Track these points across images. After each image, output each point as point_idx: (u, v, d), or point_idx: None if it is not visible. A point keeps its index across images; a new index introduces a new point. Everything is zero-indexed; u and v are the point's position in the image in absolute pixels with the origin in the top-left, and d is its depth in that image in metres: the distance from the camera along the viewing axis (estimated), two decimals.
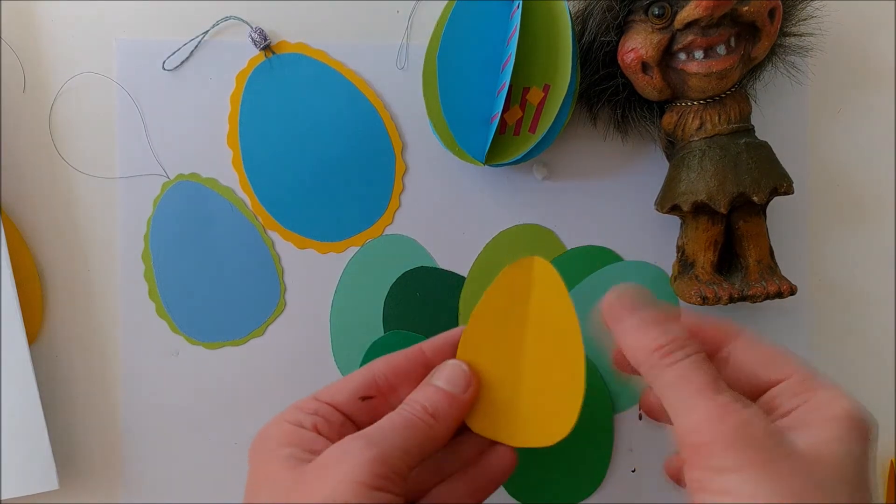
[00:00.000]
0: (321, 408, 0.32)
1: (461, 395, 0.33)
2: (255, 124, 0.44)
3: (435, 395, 0.33)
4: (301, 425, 0.31)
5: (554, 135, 0.42)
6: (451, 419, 0.33)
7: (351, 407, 0.33)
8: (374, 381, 0.34)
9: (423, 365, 0.35)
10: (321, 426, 0.32)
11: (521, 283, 0.34)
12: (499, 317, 0.34)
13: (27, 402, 0.41)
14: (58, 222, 0.44)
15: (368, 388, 0.34)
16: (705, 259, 0.42)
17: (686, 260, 0.43)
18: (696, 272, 0.42)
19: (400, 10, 0.44)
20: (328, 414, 0.32)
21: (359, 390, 0.33)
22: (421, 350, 0.35)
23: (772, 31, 0.40)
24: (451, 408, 0.33)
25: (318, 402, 0.33)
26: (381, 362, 0.34)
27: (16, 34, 0.43)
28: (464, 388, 0.33)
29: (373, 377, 0.34)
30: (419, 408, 0.32)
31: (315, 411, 0.32)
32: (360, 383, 0.34)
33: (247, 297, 0.44)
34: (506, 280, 0.35)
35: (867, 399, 0.29)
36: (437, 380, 0.33)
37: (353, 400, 0.33)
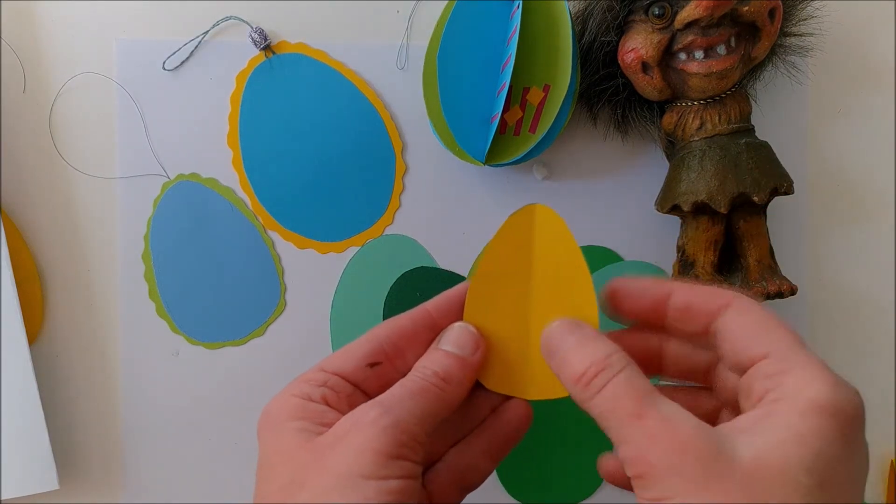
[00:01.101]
0: (329, 379, 0.31)
1: (470, 357, 0.32)
2: (255, 124, 0.44)
3: (445, 359, 0.32)
4: (310, 398, 0.30)
5: (554, 135, 0.42)
6: (463, 382, 0.32)
7: (359, 375, 0.32)
8: (380, 347, 0.32)
9: (430, 327, 0.33)
10: (330, 398, 0.30)
11: (524, 232, 0.33)
12: (503, 270, 0.33)
13: (27, 402, 0.41)
14: (58, 222, 0.44)
15: (376, 355, 0.32)
16: (705, 259, 0.42)
17: (686, 260, 0.43)
18: (697, 272, 0.42)
19: (400, 10, 0.44)
20: (337, 385, 0.31)
21: (366, 357, 0.32)
22: (426, 311, 0.34)
23: (772, 31, 0.40)
24: (461, 370, 0.31)
25: (325, 373, 0.31)
26: (385, 327, 0.33)
27: (16, 34, 0.43)
28: (472, 349, 0.32)
29: (379, 343, 0.33)
30: (430, 373, 0.31)
31: (323, 383, 0.31)
32: (367, 350, 0.32)
33: (247, 297, 0.44)
34: (507, 231, 0.34)
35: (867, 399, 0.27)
36: (446, 344, 0.32)
37: (361, 368, 0.32)
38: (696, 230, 0.42)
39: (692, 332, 0.30)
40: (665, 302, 0.31)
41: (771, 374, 0.26)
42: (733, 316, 0.29)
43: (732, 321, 0.29)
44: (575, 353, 0.29)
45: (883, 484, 0.46)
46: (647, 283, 0.32)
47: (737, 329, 0.28)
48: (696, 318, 0.30)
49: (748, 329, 0.28)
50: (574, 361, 0.29)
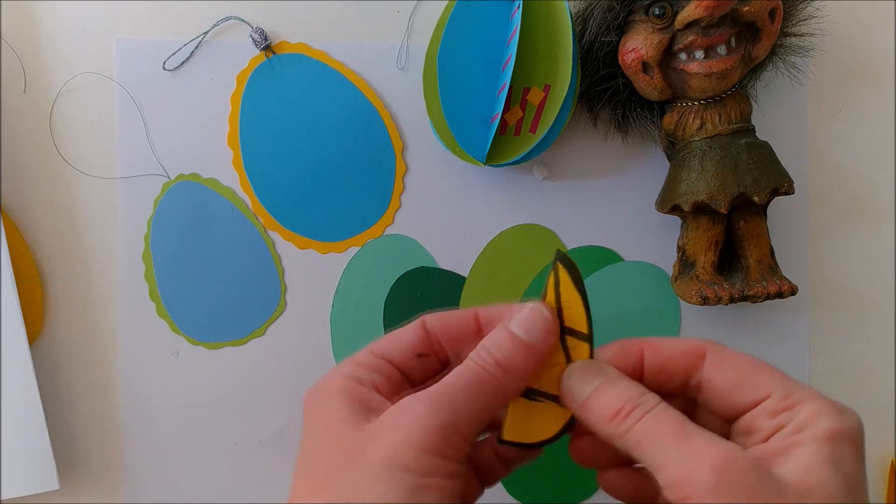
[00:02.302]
0: (380, 364, 0.31)
1: (540, 344, 0.30)
2: (255, 124, 0.44)
3: (510, 343, 0.29)
4: (360, 381, 0.30)
5: (554, 135, 0.42)
6: (524, 374, 0.30)
7: (406, 363, 0.31)
8: (429, 339, 0.32)
9: (475, 332, 0.32)
10: (380, 384, 0.30)
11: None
12: None
13: (27, 402, 0.41)
14: (58, 222, 0.44)
15: (425, 346, 0.32)
16: (706, 259, 0.42)
17: (687, 260, 0.43)
18: (697, 272, 0.42)
19: (400, 10, 0.44)
20: (387, 371, 0.30)
21: (416, 347, 0.31)
22: (475, 314, 0.32)
23: (772, 31, 0.40)
24: (525, 361, 0.29)
25: (375, 357, 0.31)
26: (435, 319, 0.32)
27: (16, 34, 0.43)
28: (543, 337, 0.30)
29: (426, 334, 0.32)
30: (491, 362, 0.29)
31: (375, 368, 0.30)
32: (417, 340, 0.32)
33: (247, 298, 0.44)
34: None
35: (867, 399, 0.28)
36: (515, 325, 0.30)
37: (410, 356, 0.31)
38: (697, 230, 0.42)
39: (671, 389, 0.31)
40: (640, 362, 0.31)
41: (777, 411, 0.28)
42: (713, 367, 0.30)
43: (714, 372, 0.29)
44: (605, 393, 0.29)
45: (883, 484, 0.46)
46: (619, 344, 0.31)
47: (722, 379, 0.29)
48: (673, 376, 0.30)
49: (734, 376, 0.29)
50: (605, 400, 0.29)
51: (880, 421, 0.46)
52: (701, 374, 0.30)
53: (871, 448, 0.46)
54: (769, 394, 0.28)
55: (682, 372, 0.30)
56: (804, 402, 0.27)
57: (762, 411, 0.28)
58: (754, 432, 0.28)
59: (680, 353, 0.30)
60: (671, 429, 0.27)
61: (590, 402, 0.29)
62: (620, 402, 0.28)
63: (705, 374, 0.30)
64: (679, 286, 0.43)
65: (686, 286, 0.42)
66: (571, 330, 0.31)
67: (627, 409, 0.28)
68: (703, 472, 0.25)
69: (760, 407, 0.28)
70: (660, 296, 0.45)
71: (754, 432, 0.28)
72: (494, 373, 0.29)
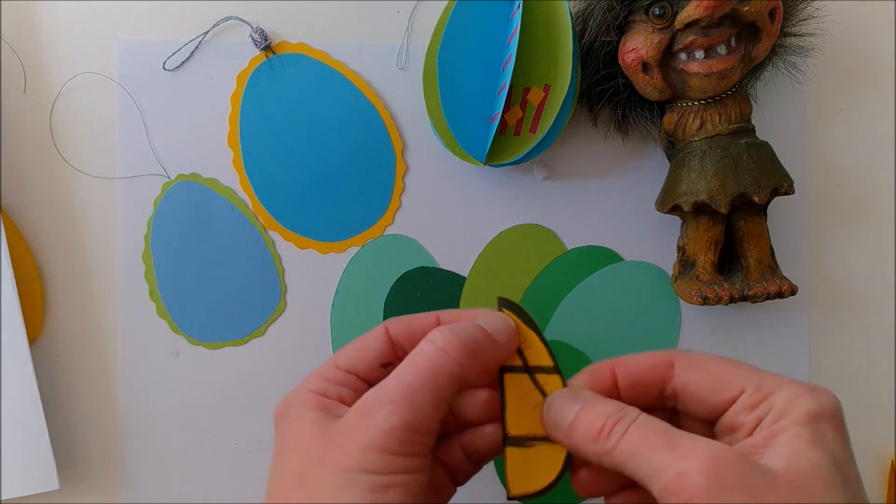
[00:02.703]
0: (346, 378, 0.31)
1: (503, 344, 0.30)
2: (255, 124, 0.44)
3: (477, 330, 0.30)
4: (326, 395, 0.30)
5: (554, 135, 0.42)
6: (487, 365, 0.30)
7: (372, 374, 0.32)
8: (392, 348, 0.32)
9: None
10: (346, 396, 0.30)
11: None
12: None
13: (27, 402, 0.41)
14: (58, 222, 0.44)
15: (388, 355, 0.32)
16: (706, 259, 0.42)
17: (687, 260, 0.43)
18: (697, 272, 0.42)
19: (400, 10, 0.44)
20: (352, 384, 0.31)
21: (380, 356, 0.32)
22: (437, 318, 0.33)
23: (772, 31, 0.40)
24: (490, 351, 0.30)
25: (340, 371, 0.31)
26: (398, 324, 0.32)
27: (16, 34, 0.43)
28: (507, 338, 0.31)
29: (390, 343, 0.32)
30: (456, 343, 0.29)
31: (340, 382, 0.31)
32: (381, 348, 0.32)
33: (247, 298, 0.44)
34: None
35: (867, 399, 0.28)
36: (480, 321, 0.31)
37: (375, 367, 0.32)
38: (697, 230, 0.42)
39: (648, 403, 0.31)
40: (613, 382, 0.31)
41: (755, 403, 0.28)
42: (684, 373, 0.30)
43: (686, 378, 0.30)
44: (587, 415, 0.29)
45: (883, 484, 0.46)
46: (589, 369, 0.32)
47: (694, 383, 0.30)
48: (647, 390, 0.31)
49: (705, 378, 0.29)
50: (587, 422, 0.29)
51: (880, 421, 0.46)
52: (673, 382, 0.30)
53: (871, 448, 0.46)
54: (742, 389, 0.28)
55: (654, 384, 0.31)
56: (778, 390, 0.28)
57: (740, 407, 0.28)
58: (737, 429, 0.28)
59: (649, 366, 0.31)
60: (656, 437, 0.27)
61: (573, 428, 0.29)
62: (602, 419, 0.28)
63: (677, 381, 0.30)
64: (679, 286, 0.43)
65: (686, 286, 0.42)
66: (538, 367, 0.32)
67: (610, 426, 0.28)
68: (693, 475, 0.25)
69: (737, 403, 0.28)
70: (660, 296, 0.45)
71: (737, 429, 0.28)
72: (457, 357, 0.29)
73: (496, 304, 0.32)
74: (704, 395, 0.29)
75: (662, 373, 0.30)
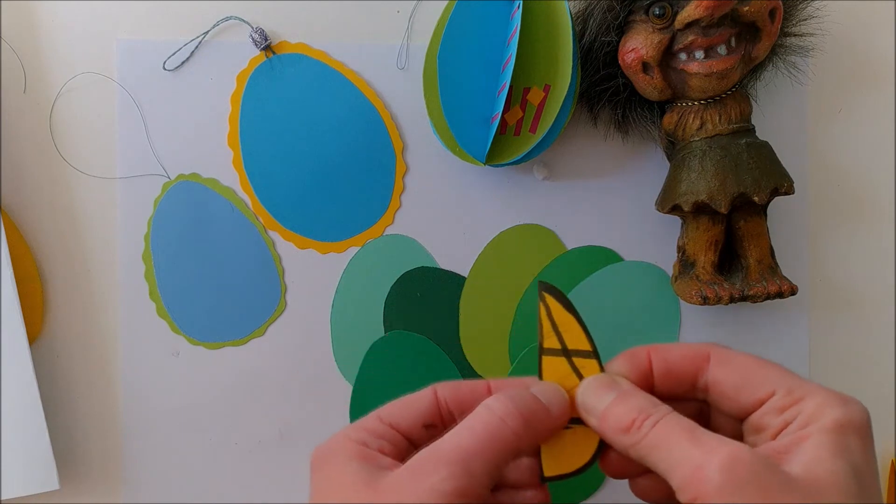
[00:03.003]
0: (387, 432, 0.31)
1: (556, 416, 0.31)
2: (255, 124, 0.44)
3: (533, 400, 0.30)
4: (367, 445, 0.30)
5: (554, 135, 0.42)
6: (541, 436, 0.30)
7: (414, 433, 0.32)
8: (438, 409, 0.32)
9: None
10: (387, 450, 0.30)
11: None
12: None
13: (27, 402, 0.41)
14: (58, 222, 0.44)
15: (433, 417, 0.32)
16: (706, 259, 0.42)
17: (687, 260, 0.43)
18: (697, 272, 0.42)
19: (400, 10, 0.44)
20: (394, 439, 0.31)
21: (424, 417, 0.32)
22: (488, 385, 0.33)
23: (772, 31, 0.40)
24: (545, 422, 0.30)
25: (383, 424, 0.31)
26: (447, 389, 0.32)
27: (16, 34, 0.43)
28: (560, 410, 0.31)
29: (437, 405, 0.32)
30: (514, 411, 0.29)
31: (382, 435, 0.31)
32: (426, 410, 0.32)
33: (247, 298, 0.44)
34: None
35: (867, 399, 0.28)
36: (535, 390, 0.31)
37: (419, 427, 0.32)
38: (697, 230, 0.42)
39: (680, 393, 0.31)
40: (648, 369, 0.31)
41: (784, 406, 0.28)
42: (718, 368, 0.30)
43: (719, 373, 0.30)
44: (619, 406, 0.29)
45: (883, 484, 0.46)
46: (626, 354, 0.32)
47: (727, 379, 0.30)
48: (681, 379, 0.31)
49: (738, 376, 0.30)
50: (620, 413, 0.29)
51: (881, 420, 0.46)
52: (707, 375, 0.30)
53: None
54: (774, 391, 0.29)
55: (688, 375, 0.31)
56: (808, 396, 0.28)
57: (769, 409, 0.28)
58: (763, 430, 0.29)
59: (685, 357, 0.31)
60: (681, 434, 0.27)
61: (606, 415, 0.30)
62: (633, 413, 0.29)
63: (711, 375, 0.30)
64: (679, 286, 0.43)
65: (686, 286, 0.42)
66: (576, 351, 0.32)
67: (641, 420, 0.28)
68: (711, 471, 0.26)
69: (767, 405, 0.29)
70: (660, 296, 0.45)
71: (763, 430, 0.29)
72: (514, 426, 0.29)
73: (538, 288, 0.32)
74: (735, 392, 0.30)
75: (698, 364, 0.31)
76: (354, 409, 0.45)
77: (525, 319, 0.45)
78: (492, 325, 0.45)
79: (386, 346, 0.45)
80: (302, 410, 0.45)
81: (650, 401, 0.29)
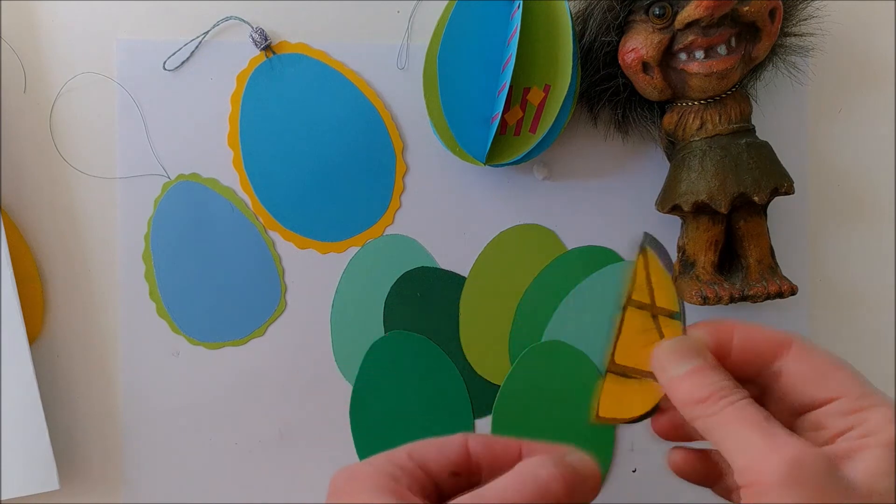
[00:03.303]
0: (415, 470, 0.31)
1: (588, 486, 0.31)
2: (255, 124, 0.44)
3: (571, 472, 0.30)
4: (397, 481, 0.30)
5: (554, 135, 0.42)
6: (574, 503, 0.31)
7: (441, 478, 0.32)
8: (468, 459, 0.32)
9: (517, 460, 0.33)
10: (415, 489, 0.30)
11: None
12: None
13: (27, 402, 0.41)
14: (58, 222, 0.44)
15: (463, 465, 0.32)
16: (706, 259, 0.42)
17: (687, 260, 0.43)
18: (697, 272, 0.42)
19: (400, 10, 0.44)
20: (421, 478, 0.31)
21: (454, 464, 0.32)
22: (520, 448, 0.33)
23: (772, 31, 0.40)
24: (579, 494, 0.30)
25: (412, 461, 0.31)
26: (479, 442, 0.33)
27: (16, 34, 0.43)
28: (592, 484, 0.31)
29: (468, 455, 0.32)
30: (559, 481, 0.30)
31: (411, 473, 0.31)
32: (456, 457, 0.32)
33: (247, 298, 0.44)
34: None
35: None
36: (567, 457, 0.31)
37: (446, 472, 0.32)
38: (697, 230, 0.42)
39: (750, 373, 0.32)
40: (729, 343, 0.32)
41: (848, 412, 0.28)
42: (795, 358, 0.31)
43: (795, 363, 0.30)
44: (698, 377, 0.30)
45: None
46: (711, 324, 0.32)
47: (800, 371, 0.30)
48: (757, 359, 0.31)
49: (812, 371, 0.30)
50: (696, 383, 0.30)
51: None
52: (783, 362, 0.31)
53: None
54: (844, 394, 0.29)
55: (766, 357, 0.31)
56: (876, 406, 0.28)
57: (835, 409, 0.29)
58: (822, 429, 0.29)
59: (767, 339, 0.31)
60: (754, 420, 0.28)
61: (681, 381, 0.30)
62: (711, 389, 0.29)
63: (787, 363, 0.31)
64: (679, 286, 0.43)
65: (686, 286, 0.42)
66: (663, 309, 0.32)
67: (717, 397, 0.29)
68: (777, 463, 0.26)
69: (834, 405, 0.29)
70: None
71: (822, 429, 0.29)
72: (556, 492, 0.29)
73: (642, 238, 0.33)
74: (805, 385, 0.30)
75: (777, 350, 0.31)
76: (354, 409, 0.45)
77: (525, 319, 0.45)
78: (492, 325, 0.45)
79: (386, 346, 0.45)
80: (302, 410, 0.45)
81: (731, 381, 0.30)
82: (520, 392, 0.45)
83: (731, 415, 0.28)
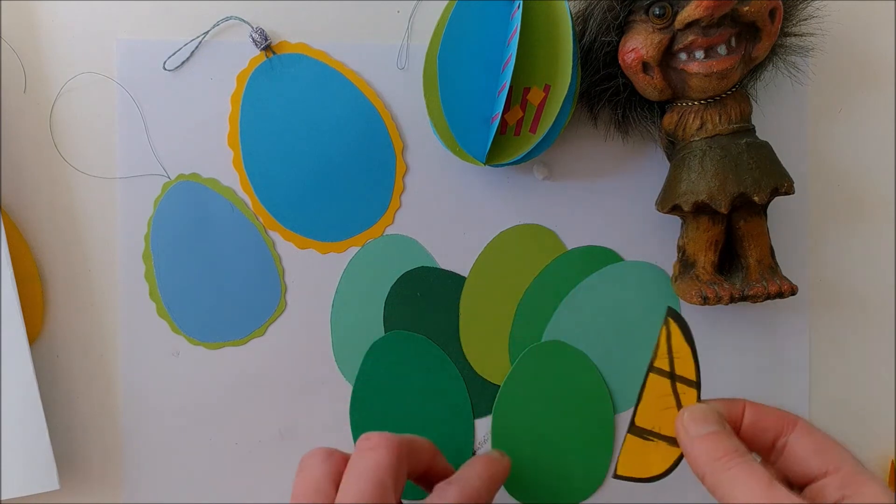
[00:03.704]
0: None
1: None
2: (255, 124, 0.44)
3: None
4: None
5: (554, 135, 0.42)
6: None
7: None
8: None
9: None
10: None
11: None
12: None
13: (27, 402, 0.41)
14: (58, 222, 0.44)
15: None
16: (706, 259, 0.42)
17: (687, 260, 0.43)
18: (697, 272, 0.42)
19: (400, 10, 0.44)
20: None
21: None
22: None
23: (772, 31, 0.40)
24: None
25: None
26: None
27: (16, 34, 0.43)
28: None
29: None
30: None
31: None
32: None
33: (247, 298, 0.44)
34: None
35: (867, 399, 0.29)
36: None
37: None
38: (697, 230, 0.42)
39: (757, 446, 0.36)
40: (739, 418, 0.36)
41: (846, 484, 0.33)
42: (800, 436, 0.35)
43: (800, 440, 0.35)
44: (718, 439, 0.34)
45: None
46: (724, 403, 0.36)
47: (804, 447, 0.34)
48: (764, 434, 0.35)
49: (815, 446, 0.34)
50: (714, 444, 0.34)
51: (880, 421, 0.46)
52: (788, 438, 0.35)
53: (871, 448, 0.46)
54: (841, 467, 0.33)
55: (773, 432, 0.35)
56: (868, 483, 0.32)
57: (833, 481, 0.33)
58: (822, 498, 0.33)
59: (776, 417, 0.36)
60: (762, 477, 0.32)
61: (701, 441, 0.34)
62: (727, 449, 0.33)
63: (792, 438, 0.35)
64: (679, 286, 0.43)
65: (686, 286, 0.42)
66: (681, 377, 0.36)
67: (731, 456, 0.33)
68: None
69: (832, 477, 0.33)
70: (660, 296, 0.45)
71: (822, 498, 0.33)
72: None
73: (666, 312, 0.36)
74: (807, 458, 0.34)
75: (784, 426, 0.35)
76: (354, 409, 0.45)
77: (525, 319, 0.45)
78: (492, 325, 0.45)
79: (386, 346, 0.45)
80: (302, 410, 0.45)
81: (743, 447, 0.34)
82: (520, 392, 0.45)
83: (742, 470, 0.32)
